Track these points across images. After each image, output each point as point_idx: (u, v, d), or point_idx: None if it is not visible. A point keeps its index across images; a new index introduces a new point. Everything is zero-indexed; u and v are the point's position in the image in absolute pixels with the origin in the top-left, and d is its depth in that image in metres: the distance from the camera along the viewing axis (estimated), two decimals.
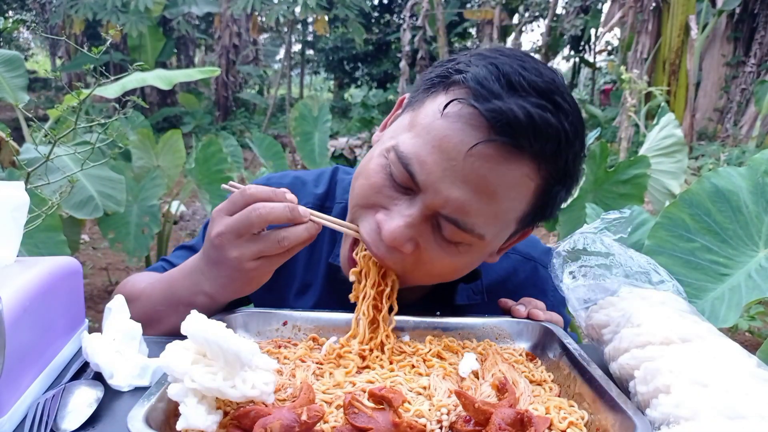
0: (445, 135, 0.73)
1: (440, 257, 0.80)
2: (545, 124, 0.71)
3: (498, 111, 0.70)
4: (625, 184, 3.49)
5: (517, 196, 0.76)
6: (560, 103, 0.73)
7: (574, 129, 0.75)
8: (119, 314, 0.77)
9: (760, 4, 9.56)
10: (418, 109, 0.79)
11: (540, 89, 0.72)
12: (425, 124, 0.76)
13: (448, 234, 0.77)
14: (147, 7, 10.33)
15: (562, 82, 0.78)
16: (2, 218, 0.73)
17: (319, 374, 0.75)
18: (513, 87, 0.72)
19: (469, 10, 14.55)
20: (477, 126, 0.72)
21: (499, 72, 0.73)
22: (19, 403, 0.65)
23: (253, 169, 7.96)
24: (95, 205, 2.99)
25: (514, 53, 0.78)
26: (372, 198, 0.80)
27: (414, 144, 0.75)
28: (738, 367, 0.62)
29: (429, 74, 0.82)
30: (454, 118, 0.73)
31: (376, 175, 0.80)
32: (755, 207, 1.52)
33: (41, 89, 15.39)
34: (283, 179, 1.09)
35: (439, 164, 0.73)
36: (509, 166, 0.73)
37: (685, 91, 8.92)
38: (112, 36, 1.07)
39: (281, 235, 0.76)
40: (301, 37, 18.28)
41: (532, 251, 1.08)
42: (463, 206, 0.74)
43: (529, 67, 0.74)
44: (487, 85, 0.72)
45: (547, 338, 0.83)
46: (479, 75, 0.73)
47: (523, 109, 0.70)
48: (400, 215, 0.77)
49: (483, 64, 0.75)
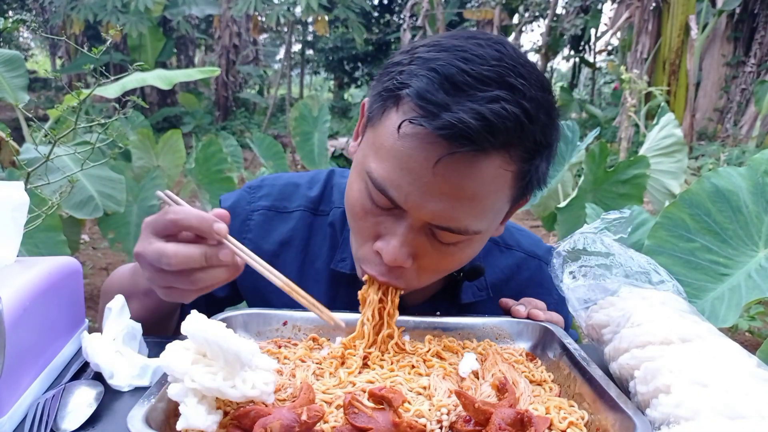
0: (409, 156, 0.72)
1: (442, 258, 0.81)
2: (501, 118, 0.69)
3: (448, 126, 0.69)
4: (624, 184, 3.49)
5: (499, 188, 0.76)
6: (514, 84, 0.71)
7: (535, 103, 0.72)
8: (119, 314, 0.77)
9: (760, 4, 9.56)
10: (377, 127, 0.78)
11: (488, 79, 0.70)
12: (387, 146, 0.75)
13: (444, 239, 0.78)
14: (147, 7, 10.33)
15: (512, 52, 0.74)
16: (2, 218, 0.73)
17: (319, 374, 0.75)
18: (459, 89, 0.70)
19: (469, 10, 14.54)
20: (434, 142, 0.71)
21: (440, 77, 0.71)
22: (19, 403, 0.65)
23: (253, 169, 7.97)
24: (95, 205, 2.99)
25: (454, 44, 0.74)
26: (364, 229, 0.81)
27: (384, 168, 0.75)
28: (738, 367, 0.62)
29: (378, 84, 0.80)
30: (411, 138, 0.72)
31: (359, 203, 0.80)
32: (755, 207, 1.52)
33: (41, 89, 15.38)
34: (276, 181, 1.08)
35: (411, 184, 0.73)
36: (479, 168, 0.72)
37: (685, 91, 8.93)
38: (112, 36, 1.07)
39: (196, 277, 0.71)
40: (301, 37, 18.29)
41: (536, 249, 1.08)
42: (449, 215, 0.74)
43: (471, 56, 0.71)
44: (431, 99, 0.70)
45: (547, 338, 0.83)
46: (421, 88, 0.71)
47: (473, 113, 0.68)
48: (394, 236, 0.77)
49: (424, 71, 0.72)
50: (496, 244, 1.06)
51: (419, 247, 0.79)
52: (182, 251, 0.70)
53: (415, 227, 0.77)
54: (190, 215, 0.71)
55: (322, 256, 1.02)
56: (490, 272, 1.02)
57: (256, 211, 1.04)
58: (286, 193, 1.06)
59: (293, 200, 1.05)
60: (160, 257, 0.70)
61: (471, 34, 0.78)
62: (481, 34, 0.77)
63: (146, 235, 0.73)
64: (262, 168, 5.88)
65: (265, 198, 1.05)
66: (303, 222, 1.03)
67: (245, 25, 13.17)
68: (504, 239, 1.07)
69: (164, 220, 0.71)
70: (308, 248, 1.02)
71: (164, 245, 0.70)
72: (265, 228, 1.03)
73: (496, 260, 1.05)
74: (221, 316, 0.83)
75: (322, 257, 1.01)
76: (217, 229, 0.71)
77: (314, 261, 1.02)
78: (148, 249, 0.71)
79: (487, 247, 1.04)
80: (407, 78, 0.74)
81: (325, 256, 1.01)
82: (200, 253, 0.70)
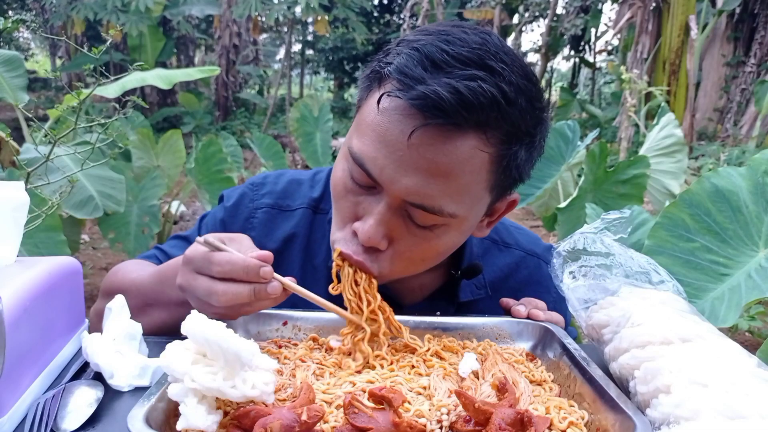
0: (386, 129, 0.75)
1: (418, 243, 0.81)
2: (476, 95, 0.70)
3: (422, 96, 0.71)
4: (624, 184, 3.49)
5: (474, 169, 0.76)
6: (493, 66, 0.72)
7: (515, 87, 0.73)
8: (119, 314, 0.77)
9: (760, 4, 9.56)
10: (363, 108, 0.81)
11: (467, 59, 0.72)
12: (368, 122, 0.77)
13: (420, 220, 0.78)
14: (147, 7, 10.32)
15: (496, 41, 0.76)
16: (2, 218, 0.73)
17: (319, 374, 0.75)
18: (437, 66, 0.72)
19: (469, 10, 14.52)
20: (409, 115, 0.73)
21: (420, 55, 0.73)
22: (19, 403, 0.65)
23: (253, 169, 7.96)
24: (95, 205, 2.99)
25: (439, 29, 0.77)
26: (344, 209, 0.83)
27: (363, 143, 0.77)
28: (738, 367, 0.62)
29: (366, 71, 0.83)
30: (389, 111, 0.75)
31: (340, 182, 0.82)
32: (755, 207, 1.53)
33: (41, 89, 15.38)
34: (279, 179, 1.08)
35: (387, 157, 0.75)
36: (454, 144, 0.73)
37: (685, 91, 8.92)
38: (112, 36, 1.07)
39: (244, 310, 0.75)
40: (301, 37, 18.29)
41: (534, 247, 1.08)
42: (423, 191, 0.75)
43: (453, 39, 0.74)
44: (409, 73, 0.73)
45: (547, 338, 0.83)
46: (401, 64, 0.74)
47: (447, 87, 0.70)
48: (371, 215, 0.78)
49: (407, 51, 0.75)
50: (494, 242, 1.06)
51: (395, 230, 0.79)
52: (231, 290, 0.72)
53: (392, 207, 0.78)
54: (237, 267, 0.72)
55: (321, 254, 1.02)
56: (488, 270, 1.02)
57: (260, 209, 1.04)
58: (289, 192, 1.07)
59: (296, 198, 1.06)
60: (210, 295, 0.72)
61: (458, 23, 0.80)
62: (468, 25, 0.79)
63: (189, 271, 0.75)
64: (262, 168, 5.89)
65: (268, 196, 1.06)
66: (305, 220, 1.04)
67: (245, 25, 13.16)
68: (502, 238, 1.07)
69: (209, 269, 0.73)
70: (309, 245, 1.03)
71: (213, 284, 0.73)
72: (269, 226, 1.03)
73: (495, 259, 1.05)
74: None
75: (321, 254, 1.02)
76: (263, 273, 0.73)
77: (314, 258, 1.02)
78: (195, 284, 0.74)
79: (485, 245, 1.04)
80: (391, 58, 0.77)
81: (324, 254, 1.02)
82: (249, 290, 0.73)
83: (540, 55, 13.68)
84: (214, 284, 0.72)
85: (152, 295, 0.88)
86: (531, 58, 16.99)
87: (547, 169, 3.94)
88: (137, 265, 1.02)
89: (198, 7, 11.77)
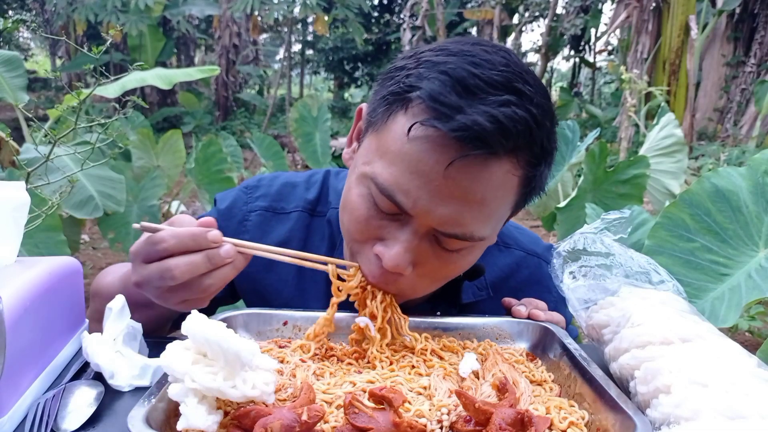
0: (420, 159, 0.71)
1: (442, 266, 0.80)
2: (513, 121, 0.69)
3: (463, 127, 0.68)
4: (624, 184, 3.49)
5: (506, 193, 0.76)
6: (522, 90, 0.71)
7: (541, 110, 0.73)
8: (119, 314, 0.77)
9: (760, 4, 9.56)
10: (382, 132, 0.77)
11: (498, 83, 0.70)
12: (395, 150, 0.73)
13: (449, 245, 0.77)
14: (147, 6, 10.32)
15: (516, 60, 0.75)
16: (3, 218, 0.73)
17: (320, 374, 0.75)
18: (471, 92, 0.70)
19: (469, 9, 14.53)
20: (447, 144, 0.70)
21: (452, 80, 0.70)
22: (19, 403, 0.65)
23: (253, 169, 7.96)
24: (95, 205, 2.99)
25: (462, 49, 0.74)
26: (364, 232, 0.79)
27: (391, 173, 0.73)
28: (738, 367, 0.62)
29: (382, 89, 0.79)
30: (423, 140, 0.71)
31: (361, 207, 0.78)
32: (755, 207, 1.53)
33: (41, 89, 15.38)
34: (273, 182, 1.07)
35: (421, 188, 0.72)
36: (490, 171, 0.72)
37: (685, 91, 8.93)
38: (112, 36, 1.07)
39: (205, 284, 0.72)
40: (301, 37, 18.30)
41: (535, 247, 1.08)
42: (456, 220, 0.74)
43: (480, 61, 0.72)
44: (444, 101, 0.70)
45: (548, 338, 0.83)
46: (434, 90, 0.71)
47: (487, 116, 0.68)
48: (398, 241, 0.76)
49: (434, 74, 0.72)
50: (494, 243, 1.06)
51: (421, 254, 0.78)
52: (185, 261, 0.70)
53: (420, 233, 0.76)
54: (183, 237, 0.70)
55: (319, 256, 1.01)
56: (489, 271, 1.02)
57: (254, 212, 1.03)
58: (284, 194, 1.06)
59: (291, 201, 1.05)
60: (163, 274, 0.70)
61: (476, 40, 0.78)
62: (485, 41, 0.78)
63: (138, 263, 0.73)
64: (262, 168, 5.89)
65: (263, 198, 1.05)
66: (301, 223, 1.03)
67: (245, 25, 13.17)
68: (502, 238, 1.07)
69: (155, 250, 0.71)
70: (306, 248, 1.02)
71: (165, 262, 0.70)
72: (263, 229, 1.02)
73: (495, 259, 1.05)
74: (221, 316, 0.83)
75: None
76: (212, 237, 0.71)
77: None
78: (147, 273, 0.72)
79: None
80: (416, 81, 0.73)
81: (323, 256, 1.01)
82: (203, 257, 0.71)
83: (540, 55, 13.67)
84: (166, 261, 0.70)
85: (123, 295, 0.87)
86: (531, 58, 17.01)
87: None
88: (121, 268, 1.00)
89: (198, 7, 11.78)
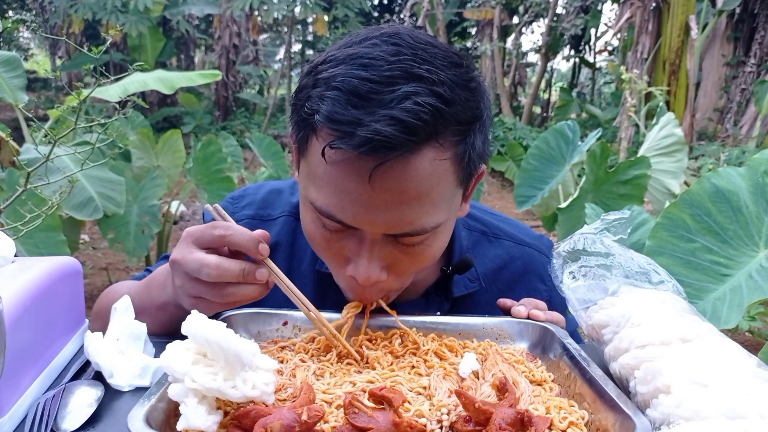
0: (342, 179, 0.72)
1: (414, 258, 0.81)
2: (416, 114, 0.67)
3: (366, 141, 0.67)
4: (625, 184, 3.50)
5: (441, 178, 0.74)
6: (419, 74, 0.68)
7: (448, 84, 0.70)
8: (124, 314, 0.77)
9: (760, 4, 9.56)
10: (307, 157, 0.77)
11: (392, 78, 0.68)
12: (320, 174, 0.74)
13: (408, 242, 0.78)
14: (147, 7, 10.32)
15: (409, 40, 0.72)
16: None
17: (320, 374, 0.75)
18: (367, 99, 0.68)
19: (469, 9, 14.51)
20: (361, 158, 0.69)
21: (345, 94, 0.69)
22: (19, 403, 0.65)
23: (253, 169, 7.96)
24: (95, 207, 3.00)
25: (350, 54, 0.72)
26: (331, 258, 0.83)
27: (324, 195, 0.75)
28: (738, 367, 0.62)
29: (294, 114, 0.79)
30: (338, 162, 0.71)
31: (315, 233, 0.81)
32: (755, 207, 1.53)
33: (41, 89, 15.37)
34: (258, 191, 1.08)
35: (355, 203, 0.73)
36: (414, 167, 0.71)
37: (685, 91, 8.92)
38: (112, 36, 1.07)
39: (228, 291, 0.75)
40: (301, 37, 18.28)
41: (524, 236, 1.08)
42: (402, 220, 0.74)
43: (368, 60, 0.70)
44: (342, 119, 0.68)
45: (548, 338, 0.83)
46: (330, 111, 0.69)
47: (386, 120, 0.66)
48: (361, 257, 0.78)
49: (329, 92, 0.70)
50: (483, 234, 1.06)
51: (387, 257, 0.79)
52: (224, 264, 0.73)
53: (376, 241, 0.77)
54: (239, 233, 0.74)
55: (306, 259, 1.02)
56: (480, 262, 1.02)
57: (240, 221, 1.03)
58: (269, 201, 1.07)
59: (276, 207, 1.06)
60: (201, 267, 0.73)
61: (364, 35, 0.76)
62: (374, 32, 0.75)
63: (187, 245, 0.76)
64: (262, 168, 5.88)
65: (248, 207, 1.06)
66: (287, 227, 1.04)
67: (245, 25, 13.16)
68: (492, 229, 1.07)
69: (212, 234, 0.75)
70: (293, 252, 1.03)
71: (206, 256, 0.74)
72: None
73: (485, 250, 1.05)
74: (221, 316, 0.83)
75: (307, 260, 1.02)
76: (261, 249, 0.75)
77: (300, 264, 1.02)
78: (188, 257, 0.74)
79: (474, 237, 1.05)
80: (316, 103, 0.72)
81: (310, 259, 1.01)
82: (239, 268, 0.74)
83: (540, 55, 13.67)
84: (207, 257, 0.74)
85: (137, 304, 0.87)
86: (531, 58, 17.00)
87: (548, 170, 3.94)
88: (128, 284, 1.03)
89: (198, 6, 11.77)
